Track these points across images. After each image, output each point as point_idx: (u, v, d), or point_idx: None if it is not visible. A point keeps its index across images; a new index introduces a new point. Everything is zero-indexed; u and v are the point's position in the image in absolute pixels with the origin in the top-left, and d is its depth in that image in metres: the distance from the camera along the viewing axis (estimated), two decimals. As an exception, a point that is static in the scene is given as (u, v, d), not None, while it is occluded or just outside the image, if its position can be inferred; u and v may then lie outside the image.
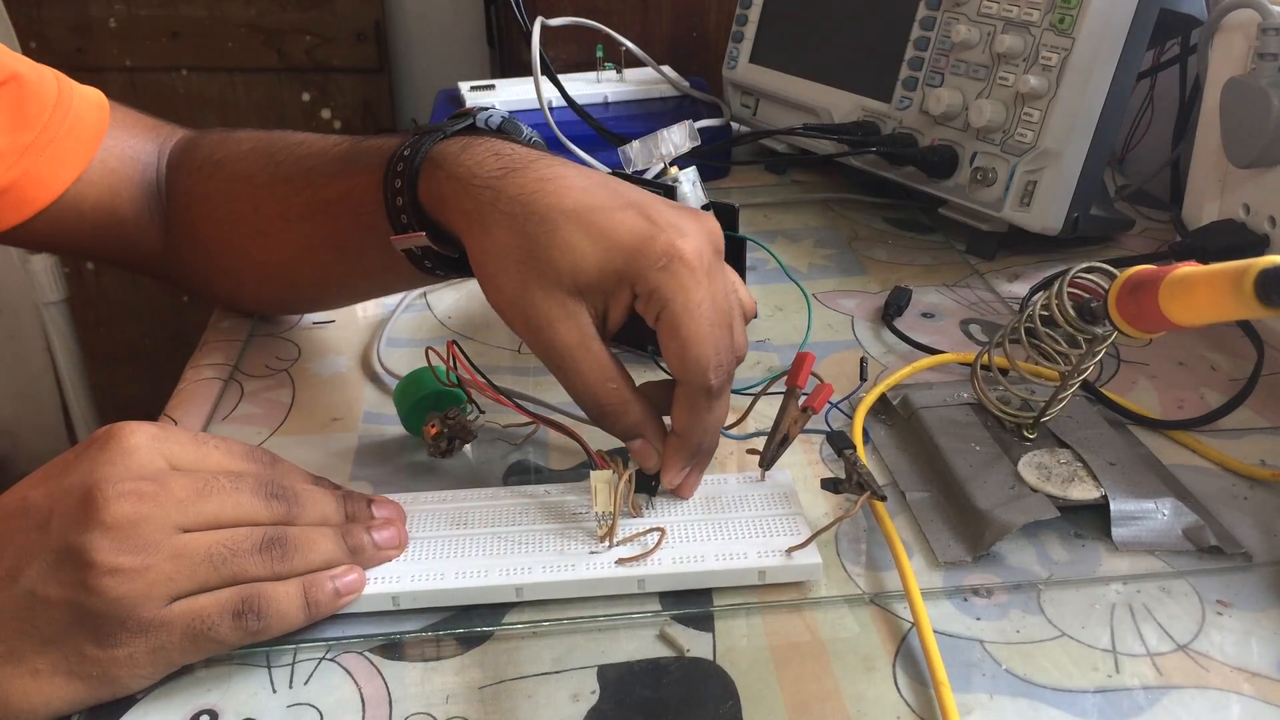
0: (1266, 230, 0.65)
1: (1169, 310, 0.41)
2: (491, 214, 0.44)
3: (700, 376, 0.43)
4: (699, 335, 0.42)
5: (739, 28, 0.97)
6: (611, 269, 0.42)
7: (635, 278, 0.42)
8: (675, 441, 0.45)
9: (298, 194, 0.55)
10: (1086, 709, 0.38)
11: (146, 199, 0.61)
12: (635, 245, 0.42)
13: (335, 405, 0.59)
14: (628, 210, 0.43)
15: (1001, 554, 0.46)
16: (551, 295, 0.42)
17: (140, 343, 1.76)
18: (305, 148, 0.57)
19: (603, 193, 0.44)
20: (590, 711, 0.39)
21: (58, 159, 0.57)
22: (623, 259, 0.42)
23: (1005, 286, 0.73)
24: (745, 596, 0.44)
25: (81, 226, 0.59)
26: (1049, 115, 0.69)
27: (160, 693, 0.40)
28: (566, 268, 0.42)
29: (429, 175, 0.48)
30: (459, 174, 0.46)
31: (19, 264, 1.62)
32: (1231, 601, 0.43)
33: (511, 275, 0.43)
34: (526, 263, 0.43)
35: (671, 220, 0.43)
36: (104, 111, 0.60)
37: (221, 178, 0.59)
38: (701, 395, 0.43)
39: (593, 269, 0.42)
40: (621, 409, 0.45)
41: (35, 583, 0.37)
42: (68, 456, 0.41)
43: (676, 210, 0.44)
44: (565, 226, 0.42)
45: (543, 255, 0.42)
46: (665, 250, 0.42)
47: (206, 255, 0.61)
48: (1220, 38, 0.69)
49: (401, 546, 0.45)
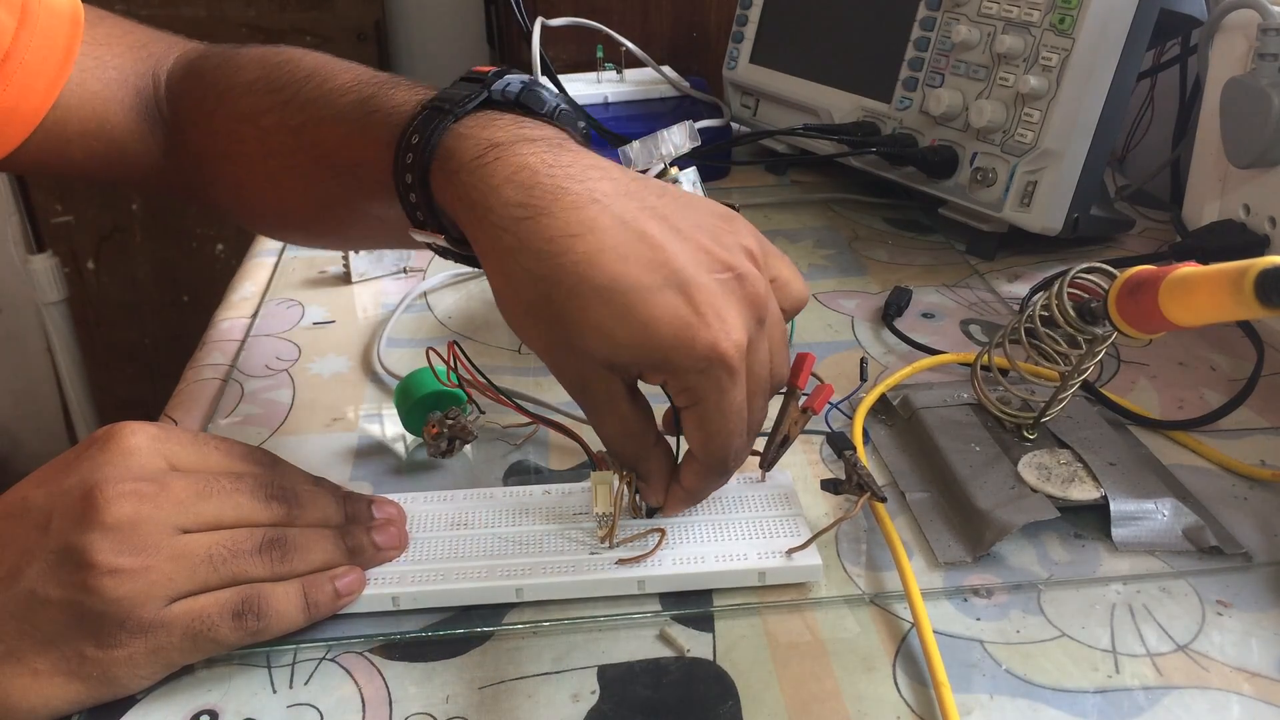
0: (1266, 230, 0.65)
1: (1169, 311, 0.41)
2: (513, 266, 0.39)
3: (719, 464, 0.43)
4: (725, 430, 0.41)
5: (739, 28, 0.97)
6: (647, 361, 0.39)
7: (670, 374, 0.39)
8: (680, 493, 0.45)
9: (306, 149, 0.50)
10: (1086, 709, 0.38)
11: (143, 121, 0.57)
12: (674, 343, 0.38)
13: (335, 405, 0.59)
14: (667, 292, 0.38)
15: (1001, 554, 0.46)
16: (581, 361, 0.40)
17: (140, 343, 1.76)
18: (314, 86, 0.50)
19: (642, 257, 0.38)
20: (590, 711, 0.39)
21: (28, 88, 0.53)
22: (660, 356, 0.38)
23: (1005, 287, 0.73)
24: (745, 597, 0.44)
25: (71, 151, 0.56)
26: (1049, 115, 0.69)
27: (160, 693, 0.40)
28: (598, 350, 0.39)
29: (441, 179, 0.42)
30: (474, 200, 0.40)
31: (19, 264, 1.62)
32: (1231, 602, 0.43)
33: (540, 335, 0.40)
34: (554, 330, 0.39)
35: (715, 304, 0.39)
36: (76, 25, 0.55)
37: (225, 114, 0.54)
38: (715, 474, 0.44)
39: (625, 357, 0.39)
40: (635, 461, 0.44)
41: (35, 583, 0.37)
42: (68, 456, 0.41)
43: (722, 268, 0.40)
44: (598, 309, 0.38)
45: (573, 331, 0.39)
46: (706, 353, 0.38)
47: (219, 186, 0.57)
48: (1220, 38, 0.69)
49: (401, 547, 0.45)
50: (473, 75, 0.45)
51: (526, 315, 0.40)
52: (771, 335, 0.42)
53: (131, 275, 1.71)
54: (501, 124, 0.42)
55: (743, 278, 0.40)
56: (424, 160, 0.42)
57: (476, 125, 0.42)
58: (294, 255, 0.79)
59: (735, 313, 0.39)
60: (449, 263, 0.48)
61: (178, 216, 1.68)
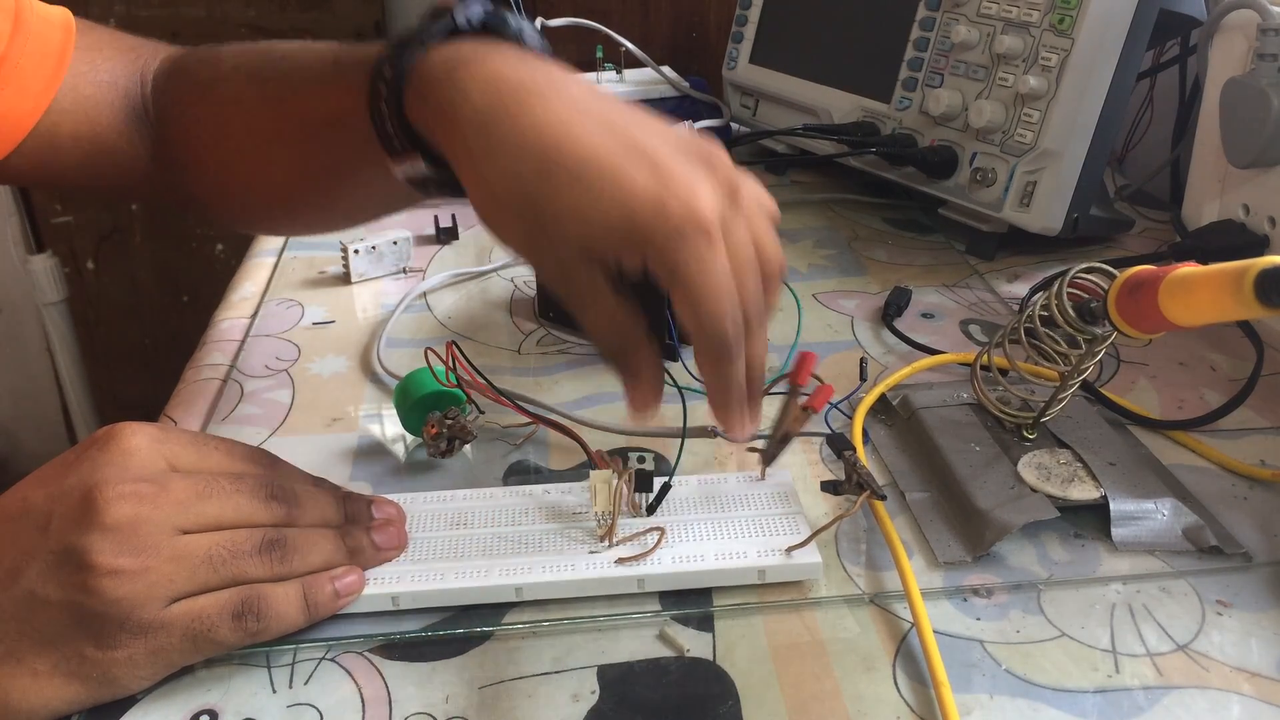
0: (1266, 230, 0.65)
1: (1169, 310, 0.41)
2: (487, 164, 0.40)
3: (718, 340, 0.41)
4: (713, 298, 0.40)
5: (739, 28, 0.97)
6: (624, 238, 0.39)
7: (647, 247, 0.39)
8: (712, 398, 0.43)
9: (288, 117, 0.51)
10: (1086, 709, 0.38)
11: (131, 123, 0.58)
12: (648, 214, 0.39)
13: (335, 405, 0.59)
14: (639, 166, 0.39)
15: (1001, 554, 0.46)
16: (564, 249, 0.40)
17: (140, 343, 1.76)
18: (290, 61, 0.52)
19: (610, 140, 0.40)
20: (590, 711, 0.39)
21: (22, 91, 0.53)
22: (634, 228, 0.39)
23: (1005, 287, 0.73)
24: (745, 596, 0.44)
25: (62, 158, 0.57)
26: (1049, 115, 0.69)
27: (160, 693, 0.40)
28: (574, 233, 0.39)
29: (414, 100, 0.43)
30: (444, 108, 0.41)
31: (19, 264, 1.62)
32: (1231, 601, 0.43)
33: (518, 229, 0.41)
34: (529, 220, 0.40)
35: (685, 176, 0.40)
36: (69, 33, 0.56)
37: (210, 102, 0.55)
38: (719, 355, 0.42)
39: (602, 236, 0.39)
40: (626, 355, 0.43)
41: (35, 584, 0.37)
42: (67, 457, 0.41)
43: (687, 155, 0.41)
44: (571, 188, 0.39)
45: (547, 216, 0.39)
46: (680, 218, 0.39)
47: (203, 179, 0.58)
48: (1220, 38, 0.69)
49: (401, 547, 0.45)
50: (438, 10, 0.46)
51: (504, 213, 0.40)
52: (751, 217, 0.42)
53: (131, 275, 1.71)
54: (468, 47, 0.43)
55: (709, 156, 0.41)
56: (397, 85, 0.43)
57: (447, 49, 0.43)
58: (294, 255, 0.79)
59: (705, 185, 0.40)
60: (448, 263, 0.48)
61: (178, 217, 1.68)
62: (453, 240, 0.81)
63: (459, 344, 0.51)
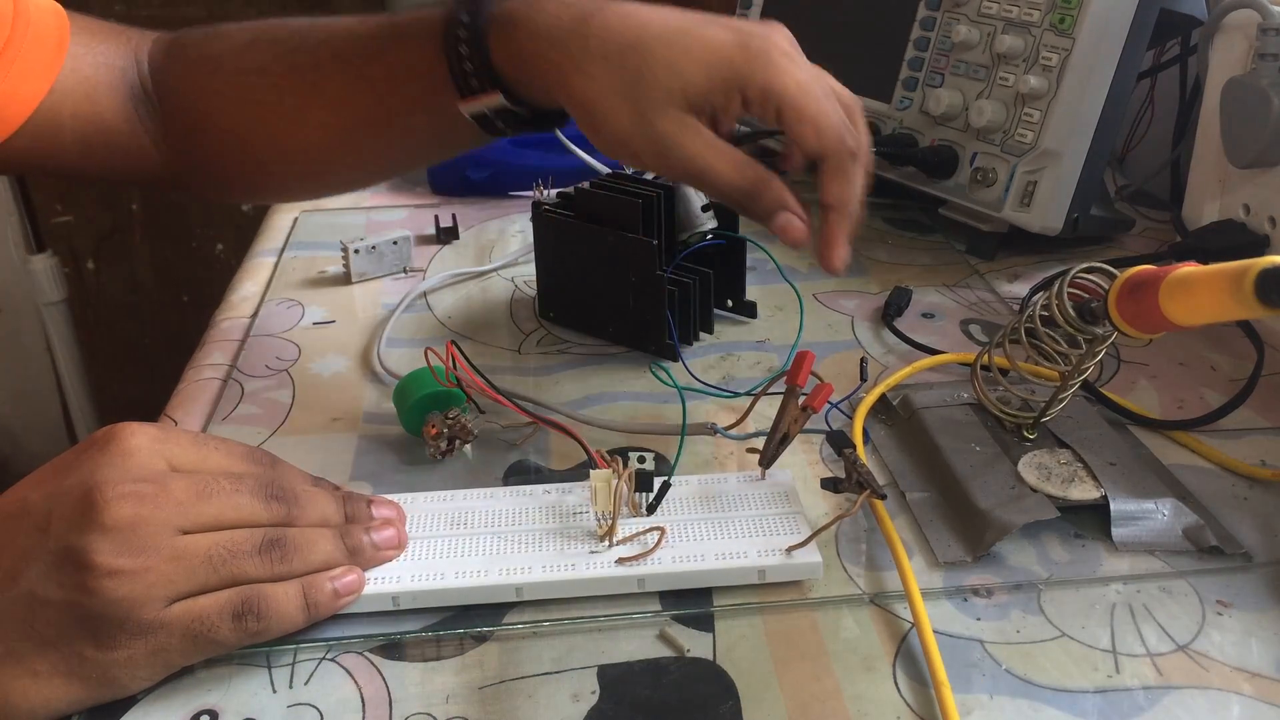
0: (1266, 230, 0.65)
1: (1169, 310, 0.41)
2: (585, 59, 0.46)
3: (839, 142, 0.47)
4: (822, 108, 0.46)
5: (739, 28, 0.97)
6: (719, 77, 0.45)
7: (743, 80, 0.45)
8: (834, 216, 0.48)
9: (329, 78, 0.55)
10: (1086, 709, 0.38)
11: (131, 104, 0.60)
12: (734, 51, 0.45)
13: (335, 405, 0.59)
14: (712, 25, 0.46)
15: (1001, 554, 0.46)
16: (667, 114, 0.46)
17: (140, 343, 1.76)
18: (322, 32, 0.56)
19: (682, 17, 0.47)
20: (590, 711, 0.39)
21: (26, 73, 0.55)
22: (728, 66, 0.45)
23: (1005, 286, 0.73)
24: (745, 596, 0.44)
25: (64, 141, 0.58)
26: (1049, 115, 0.69)
27: (160, 693, 0.40)
28: (676, 86, 0.45)
29: (502, 36, 0.49)
30: (538, 31, 0.48)
31: (19, 264, 1.62)
32: (1231, 602, 0.43)
33: (622, 109, 0.46)
34: (634, 93, 0.46)
35: (752, 26, 0.47)
36: (63, 19, 0.58)
37: (227, 74, 0.58)
38: (847, 161, 0.47)
39: (700, 81, 0.45)
40: (764, 186, 0.48)
41: (35, 584, 0.37)
42: (67, 457, 0.41)
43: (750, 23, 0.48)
44: (663, 50, 0.45)
45: (649, 81, 0.45)
46: (762, 48, 0.46)
47: (220, 150, 0.60)
48: (1220, 38, 0.69)
49: (401, 547, 0.45)
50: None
51: (610, 96, 0.46)
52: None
53: (131, 275, 1.71)
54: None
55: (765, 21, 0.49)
56: (479, 26, 0.50)
57: None
58: (294, 255, 0.79)
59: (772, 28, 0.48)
60: (449, 263, 0.49)
61: (178, 216, 1.68)
62: (453, 240, 0.81)
63: (459, 344, 0.51)
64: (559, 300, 0.67)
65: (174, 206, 1.67)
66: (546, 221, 0.64)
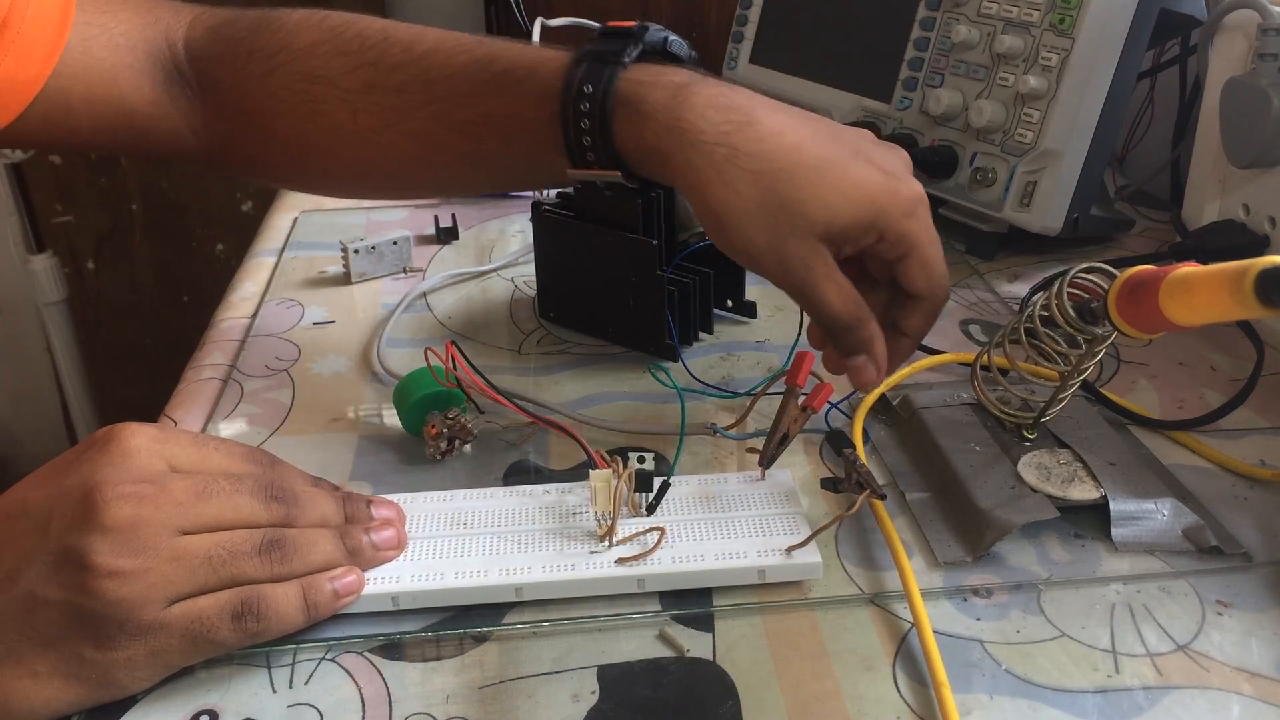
0: (1266, 230, 0.65)
1: (1169, 311, 0.41)
2: (732, 171, 0.46)
3: (944, 292, 0.50)
4: (940, 260, 0.49)
5: (739, 28, 0.97)
6: (865, 220, 0.46)
7: (886, 227, 0.47)
8: (906, 343, 0.51)
9: (418, 109, 0.52)
10: (1086, 709, 0.38)
11: (162, 87, 0.57)
12: (883, 198, 0.46)
13: (335, 405, 0.59)
14: (860, 162, 0.47)
15: (1001, 554, 0.46)
16: (805, 242, 0.46)
17: (140, 343, 1.76)
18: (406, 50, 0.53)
19: (832, 145, 0.47)
20: (590, 711, 0.39)
21: (25, 58, 0.52)
22: (875, 211, 0.46)
23: (1005, 286, 0.73)
24: (745, 596, 0.44)
25: (75, 121, 0.56)
26: (1049, 115, 0.69)
27: (160, 693, 0.40)
28: (821, 219, 0.46)
29: (630, 122, 0.48)
30: (681, 128, 0.46)
31: (19, 264, 1.62)
32: (1231, 602, 0.43)
33: (761, 228, 0.46)
34: (778, 217, 0.46)
35: (895, 168, 0.48)
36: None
37: (287, 75, 0.55)
38: (940, 305, 0.51)
39: (845, 220, 0.46)
40: (861, 326, 0.49)
41: (35, 585, 0.37)
42: (67, 457, 0.41)
43: (886, 152, 0.49)
44: (815, 182, 0.46)
45: (795, 209, 0.46)
46: (908, 200, 0.47)
47: (279, 152, 0.58)
48: (1220, 38, 0.69)
49: (400, 547, 0.45)
50: (611, 30, 0.51)
51: (750, 212, 0.46)
52: None
53: (131, 275, 1.71)
54: (668, 71, 0.49)
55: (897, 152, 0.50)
56: (605, 106, 0.48)
57: (646, 73, 0.49)
58: (294, 255, 0.79)
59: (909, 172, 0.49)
60: (449, 263, 0.49)
61: (178, 216, 1.68)
62: (453, 240, 0.81)
63: (459, 344, 0.51)
64: (559, 300, 0.67)
65: (174, 206, 1.67)
66: (546, 221, 0.64)
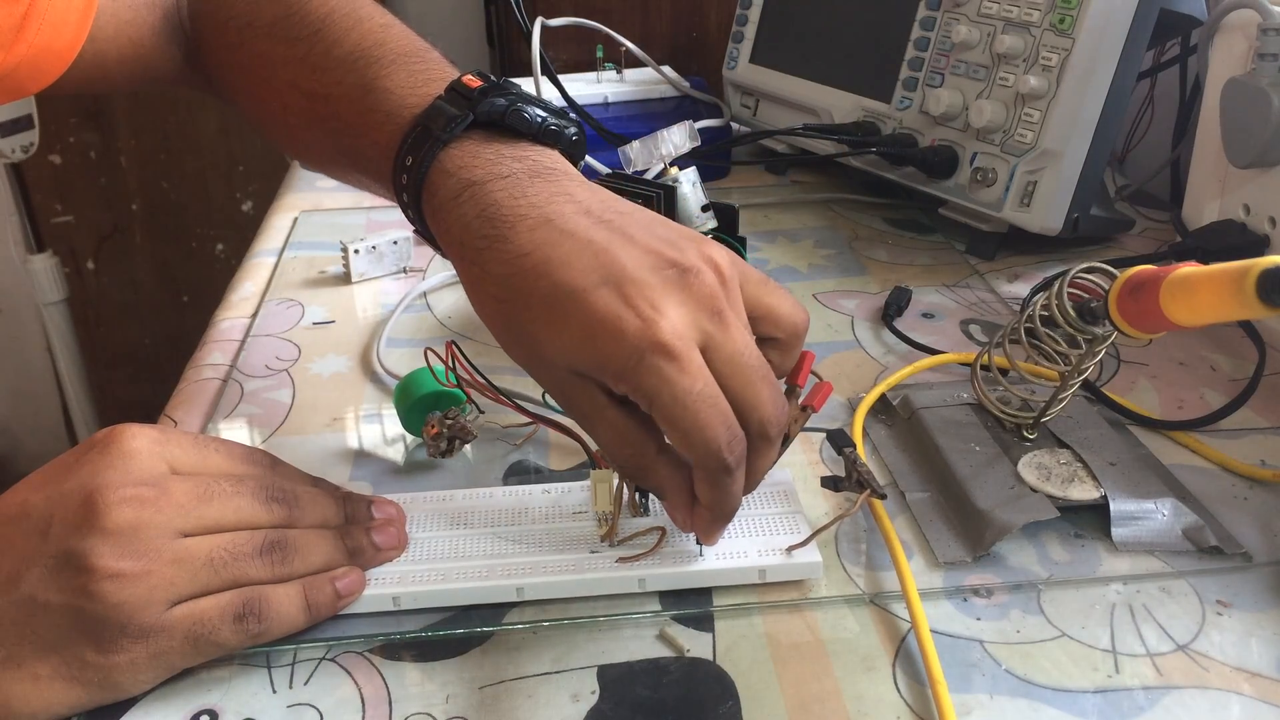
0: (1266, 230, 0.65)
1: (1169, 311, 0.41)
2: (480, 293, 0.42)
3: (713, 460, 0.39)
4: (698, 423, 0.38)
5: (739, 28, 0.97)
6: (594, 362, 0.39)
7: (618, 374, 0.38)
8: (703, 513, 0.42)
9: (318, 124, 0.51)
10: (1086, 709, 0.38)
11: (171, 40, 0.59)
12: (606, 342, 0.38)
13: (335, 405, 0.59)
14: (603, 291, 0.39)
15: (1001, 554, 0.46)
16: (554, 372, 0.41)
17: (140, 343, 1.76)
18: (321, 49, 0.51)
19: (585, 263, 0.39)
20: (590, 711, 0.39)
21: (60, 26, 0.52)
22: (596, 359, 0.39)
23: (1005, 286, 0.73)
24: (745, 596, 0.44)
25: (110, 76, 0.58)
26: (1049, 115, 0.69)
27: (160, 693, 0.40)
28: (557, 356, 0.40)
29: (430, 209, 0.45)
30: (452, 234, 0.43)
31: (19, 264, 1.62)
32: (1231, 601, 0.43)
33: (516, 352, 0.42)
34: (526, 347, 0.41)
35: (651, 299, 0.39)
36: None
37: (247, 52, 0.54)
38: (720, 475, 0.40)
39: (581, 361, 0.39)
40: (641, 474, 0.42)
41: (35, 588, 0.37)
42: (67, 459, 0.41)
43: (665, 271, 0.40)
44: (545, 317, 0.39)
45: (530, 343, 0.41)
46: (637, 342, 0.38)
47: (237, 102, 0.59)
48: (1220, 38, 0.69)
49: (401, 547, 0.45)
50: (461, 89, 0.45)
51: (501, 335, 0.42)
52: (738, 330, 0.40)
53: (131, 275, 1.71)
54: (481, 159, 0.43)
55: (688, 271, 0.40)
56: (416, 187, 0.45)
57: (462, 156, 0.44)
58: (294, 255, 0.79)
59: (674, 303, 0.39)
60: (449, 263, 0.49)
61: (178, 216, 1.68)
62: (453, 240, 0.81)
63: (459, 344, 0.51)
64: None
65: (174, 206, 1.67)
66: (546, 222, 0.64)
